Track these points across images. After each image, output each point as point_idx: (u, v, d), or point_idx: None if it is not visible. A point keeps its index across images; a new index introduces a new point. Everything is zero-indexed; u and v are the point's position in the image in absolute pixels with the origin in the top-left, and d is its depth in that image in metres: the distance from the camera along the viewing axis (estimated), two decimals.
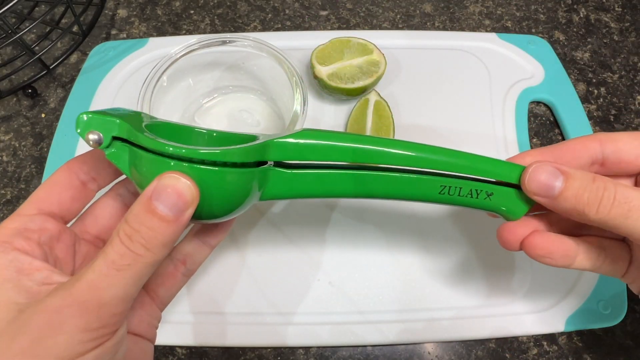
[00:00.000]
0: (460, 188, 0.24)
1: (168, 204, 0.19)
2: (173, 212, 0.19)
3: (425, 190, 0.25)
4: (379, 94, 0.40)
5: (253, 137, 0.25)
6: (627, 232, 0.22)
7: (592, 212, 0.22)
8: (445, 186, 0.24)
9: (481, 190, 0.24)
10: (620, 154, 0.24)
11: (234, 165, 0.21)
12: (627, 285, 0.33)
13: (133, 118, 0.22)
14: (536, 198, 0.23)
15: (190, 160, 0.20)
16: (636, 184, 0.25)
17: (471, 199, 0.25)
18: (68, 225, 0.24)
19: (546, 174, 0.22)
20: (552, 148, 0.25)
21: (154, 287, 0.25)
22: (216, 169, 0.21)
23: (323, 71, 0.39)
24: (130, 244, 0.19)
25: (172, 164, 0.20)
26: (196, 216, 0.21)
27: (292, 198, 0.25)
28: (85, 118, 0.21)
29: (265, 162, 0.23)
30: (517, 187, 0.24)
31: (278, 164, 0.23)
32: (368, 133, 0.38)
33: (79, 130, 0.21)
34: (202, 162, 0.20)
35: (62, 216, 0.23)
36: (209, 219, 0.23)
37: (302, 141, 0.23)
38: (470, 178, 0.24)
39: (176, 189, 0.19)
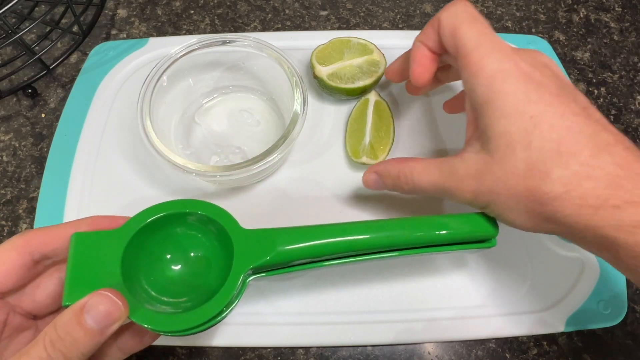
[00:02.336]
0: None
1: (97, 319, 0.20)
2: (99, 326, 0.20)
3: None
4: (379, 94, 0.40)
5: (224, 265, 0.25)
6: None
7: (404, 189, 0.30)
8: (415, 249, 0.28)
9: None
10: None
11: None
12: (626, 285, 0.34)
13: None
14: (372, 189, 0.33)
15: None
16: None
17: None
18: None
19: (374, 177, 0.32)
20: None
21: None
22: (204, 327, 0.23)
23: (323, 71, 0.39)
24: (52, 351, 0.19)
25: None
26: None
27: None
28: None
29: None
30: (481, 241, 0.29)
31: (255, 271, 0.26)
32: (368, 133, 0.38)
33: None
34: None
35: (2, 292, 0.22)
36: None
37: (275, 261, 0.25)
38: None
39: (107, 308, 0.20)
